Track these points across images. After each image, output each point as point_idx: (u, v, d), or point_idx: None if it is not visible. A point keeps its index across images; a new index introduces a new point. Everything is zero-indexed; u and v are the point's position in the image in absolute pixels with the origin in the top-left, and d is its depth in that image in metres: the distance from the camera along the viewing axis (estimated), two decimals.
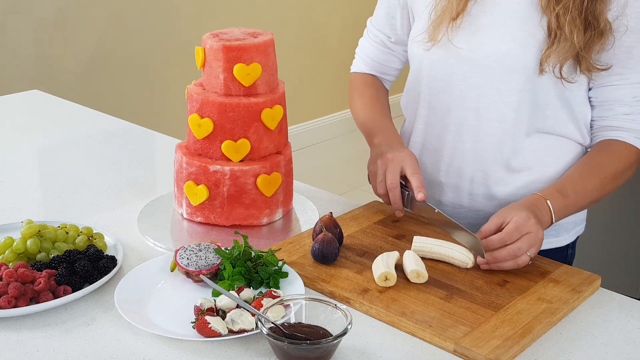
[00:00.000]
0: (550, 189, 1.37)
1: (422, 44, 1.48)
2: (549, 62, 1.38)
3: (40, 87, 2.91)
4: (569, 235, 1.57)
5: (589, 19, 1.36)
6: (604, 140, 1.46)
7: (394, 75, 1.70)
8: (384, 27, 1.63)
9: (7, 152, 1.87)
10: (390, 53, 1.65)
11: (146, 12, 3.59)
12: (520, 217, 1.28)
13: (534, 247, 1.27)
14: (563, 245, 1.56)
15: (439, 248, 1.31)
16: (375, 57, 1.66)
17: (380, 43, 1.65)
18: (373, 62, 1.67)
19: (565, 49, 1.37)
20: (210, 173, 1.43)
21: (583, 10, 1.35)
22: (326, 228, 1.34)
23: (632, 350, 1.12)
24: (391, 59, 1.66)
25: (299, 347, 1.03)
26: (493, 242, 1.27)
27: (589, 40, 1.36)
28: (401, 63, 1.67)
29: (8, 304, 1.16)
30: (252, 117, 1.43)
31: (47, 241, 1.30)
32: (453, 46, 1.44)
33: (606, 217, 2.64)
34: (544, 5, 1.38)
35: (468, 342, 1.09)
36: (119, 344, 1.11)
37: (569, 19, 1.35)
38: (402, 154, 1.41)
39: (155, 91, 3.73)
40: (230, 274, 1.23)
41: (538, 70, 1.40)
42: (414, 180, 1.37)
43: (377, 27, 1.64)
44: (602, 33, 1.36)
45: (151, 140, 1.99)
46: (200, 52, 1.45)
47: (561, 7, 1.35)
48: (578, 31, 1.35)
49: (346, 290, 1.23)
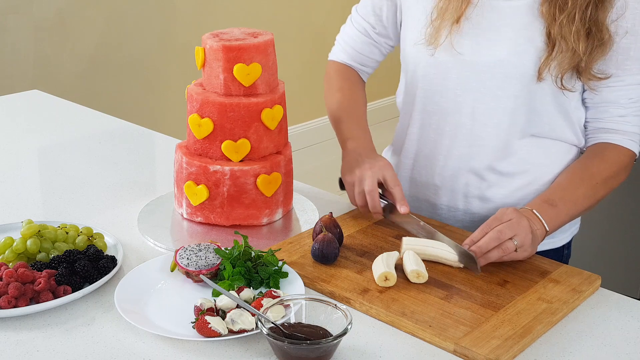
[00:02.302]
0: (537, 200, 1.37)
1: (424, 47, 1.46)
2: (549, 71, 1.38)
3: (40, 87, 2.91)
4: (565, 235, 1.57)
5: (592, 29, 1.34)
6: (597, 144, 1.45)
7: (372, 67, 1.68)
8: (369, 17, 1.60)
9: (7, 152, 1.87)
10: (373, 44, 1.63)
11: (146, 12, 3.59)
12: (499, 211, 1.29)
13: (519, 236, 1.26)
14: (559, 246, 1.57)
15: (429, 249, 1.30)
16: (356, 47, 1.64)
17: (363, 32, 1.63)
18: (353, 52, 1.64)
19: (567, 59, 1.36)
20: (210, 173, 1.43)
21: (587, 20, 1.34)
22: (326, 228, 1.34)
23: (632, 350, 1.12)
24: (372, 50, 1.64)
25: (299, 347, 1.03)
26: (476, 235, 1.27)
27: (591, 51, 1.35)
28: (382, 55, 1.65)
29: (8, 304, 1.16)
30: (252, 117, 1.43)
31: (47, 241, 1.30)
32: (452, 51, 1.43)
33: (606, 217, 2.64)
34: (545, 13, 1.36)
35: (468, 342, 1.09)
36: (119, 344, 1.11)
37: (573, 29, 1.33)
38: (381, 164, 1.41)
39: (155, 91, 3.73)
40: (230, 274, 1.23)
41: (536, 78, 1.39)
42: (396, 192, 1.37)
43: (362, 16, 1.62)
44: (604, 43, 1.35)
45: (151, 140, 1.99)
46: (200, 52, 1.45)
47: (565, 16, 1.33)
48: (581, 41, 1.34)
49: (346, 290, 1.23)
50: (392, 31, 1.60)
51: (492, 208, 1.50)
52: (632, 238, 2.69)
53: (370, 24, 1.61)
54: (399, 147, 1.61)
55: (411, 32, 1.51)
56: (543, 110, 1.43)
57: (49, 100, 2.30)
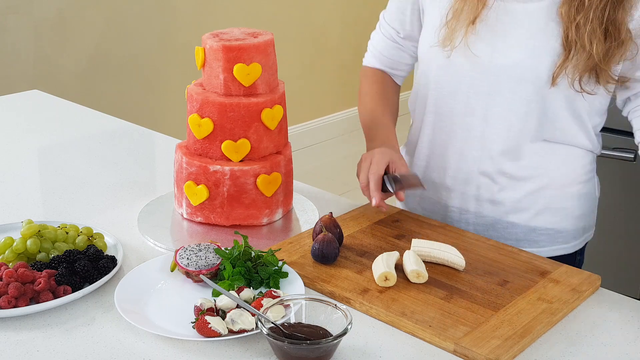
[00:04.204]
0: None
1: (439, 49, 1.45)
2: (566, 74, 1.35)
3: (40, 87, 2.91)
4: (578, 242, 1.55)
5: (610, 29, 1.32)
6: None
7: (405, 71, 1.67)
8: (394, 22, 1.60)
9: (7, 152, 1.87)
10: (400, 48, 1.62)
11: (146, 13, 3.59)
12: None
13: None
14: (572, 252, 1.54)
15: (435, 252, 1.30)
16: (385, 52, 1.64)
17: (390, 38, 1.62)
18: (383, 57, 1.64)
19: (583, 61, 1.33)
20: (210, 173, 1.43)
21: (604, 20, 1.31)
22: (326, 228, 1.34)
23: (632, 350, 1.12)
24: (401, 55, 1.63)
25: (299, 347, 1.03)
26: None
27: (608, 51, 1.33)
28: (412, 58, 1.64)
29: (8, 304, 1.16)
30: (252, 117, 1.43)
31: (47, 241, 1.30)
32: (468, 53, 1.42)
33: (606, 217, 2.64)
34: (564, 14, 1.34)
35: (468, 342, 1.09)
36: (119, 344, 1.11)
37: (589, 29, 1.31)
38: (391, 151, 1.43)
39: (155, 91, 3.73)
40: (230, 274, 1.23)
41: (550, 82, 1.37)
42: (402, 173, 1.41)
43: (388, 22, 1.62)
44: (622, 43, 1.33)
45: (151, 140, 1.99)
46: (200, 52, 1.45)
47: (582, 16, 1.31)
48: (598, 42, 1.32)
49: (346, 290, 1.23)
50: (418, 34, 1.57)
51: (503, 212, 1.49)
52: (632, 238, 2.69)
53: (395, 30, 1.60)
54: (412, 148, 1.61)
55: (427, 34, 1.50)
56: (556, 114, 1.41)
57: (49, 100, 2.30)
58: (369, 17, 4.79)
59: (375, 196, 1.39)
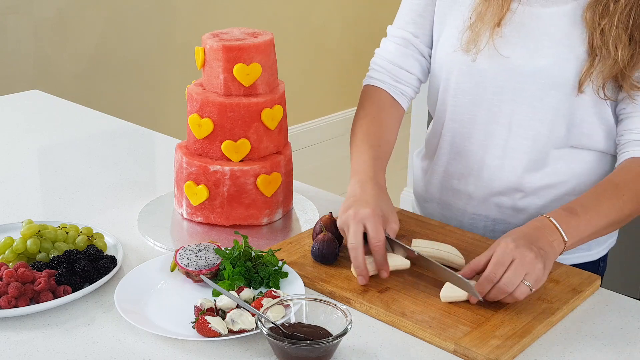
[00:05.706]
0: (558, 209, 1.26)
1: (463, 54, 1.40)
2: (591, 81, 1.32)
3: (40, 87, 2.91)
4: (601, 248, 1.51)
5: (635, 34, 1.29)
6: (629, 159, 1.35)
7: (411, 86, 1.53)
8: (409, 25, 1.50)
9: (7, 152, 1.87)
10: (412, 55, 1.51)
11: (146, 13, 3.59)
12: (500, 248, 1.17)
13: (530, 275, 1.15)
14: (595, 259, 1.51)
15: (435, 252, 1.30)
16: (394, 60, 1.51)
17: (402, 44, 1.51)
18: (390, 66, 1.51)
19: (608, 67, 1.30)
20: (210, 173, 1.43)
21: (629, 25, 1.28)
22: (326, 228, 1.34)
23: (632, 350, 1.12)
24: (412, 64, 1.51)
25: (299, 347, 1.03)
26: (483, 285, 1.16)
27: (633, 57, 1.30)
28: (421, 71, 1.52)
29: (8, 304, 1.16)
30: (252, 117, 1.43)
31: (47, 241, 1.30)
32: (494, 56, 1.37)
33: None
34: (589, 19, 1.30)
35: (468, 342, 1.09)
36: (119, 344, 1.11)
37: (614, 34, 1.28)
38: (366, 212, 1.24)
39: (155, 91, 3.73)
40: (230, 274, 1.23)
41: (577, 89, 1.33)
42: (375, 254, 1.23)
43: (401, 27, 1.51)
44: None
45: (151, 140, 1.99)
46: (200, 52, 1.45)
47: (607, 21, 1.28)
48: (623, 47, 1.28)
49: (346, 290, 1.23)
50: (431, 37, 1.50)
51: (526, 218, 1.43)
52: (632, 238, 2.69)
53: (410, 33, 1.50)
54: (431, 153, 1.55)
55: (448, 39, 1.44)
56: (583, 121, 1.37)
57: (49, 100, 2.30)
58: (369, 17, 4.80)
59: (365, 277, 1.23)
